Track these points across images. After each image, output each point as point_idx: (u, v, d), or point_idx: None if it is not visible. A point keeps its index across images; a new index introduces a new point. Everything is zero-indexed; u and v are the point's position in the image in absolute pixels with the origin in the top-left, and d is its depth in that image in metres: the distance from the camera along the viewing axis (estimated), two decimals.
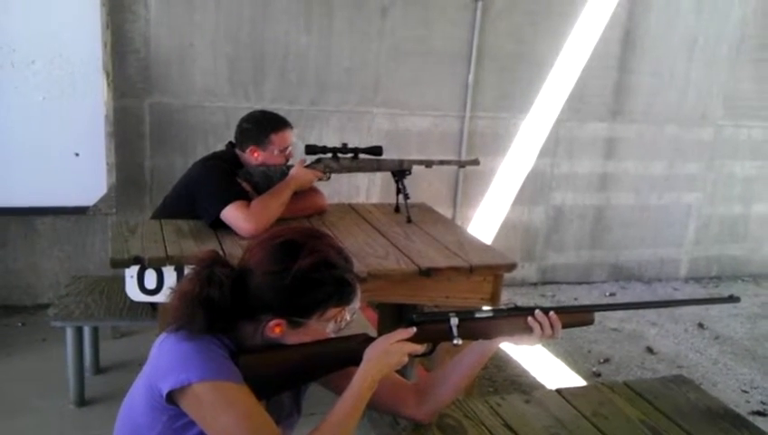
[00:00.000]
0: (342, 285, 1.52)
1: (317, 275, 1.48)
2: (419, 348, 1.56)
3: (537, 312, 1.63)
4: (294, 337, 1.51)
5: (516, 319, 1.63)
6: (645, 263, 5.51)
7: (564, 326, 1.65)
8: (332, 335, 1.55)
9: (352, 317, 1.57)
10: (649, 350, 4.25)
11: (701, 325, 4.66)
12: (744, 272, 5.82)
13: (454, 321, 1.59)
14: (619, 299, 5.09)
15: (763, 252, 5.86)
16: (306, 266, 1.47)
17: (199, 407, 1.40)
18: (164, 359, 1.45)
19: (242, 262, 1.54)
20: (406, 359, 1.55)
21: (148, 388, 1.45)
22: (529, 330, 1.63)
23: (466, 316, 1.61)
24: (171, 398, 1.41)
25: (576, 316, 1.70)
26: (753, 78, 5.31)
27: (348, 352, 1.55)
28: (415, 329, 1.56)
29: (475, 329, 1.62)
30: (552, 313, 1.63)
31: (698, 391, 2.04)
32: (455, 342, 1.59)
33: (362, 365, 1.52)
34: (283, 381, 1.55)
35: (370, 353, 1.52)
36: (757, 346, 4.43)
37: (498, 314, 1.66)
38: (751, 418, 3.46)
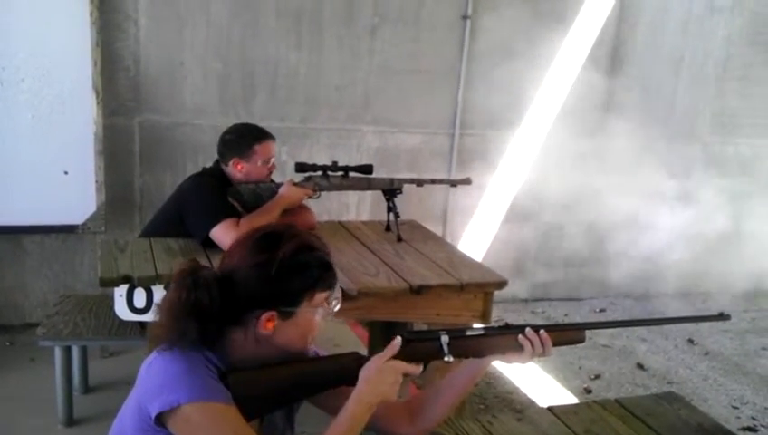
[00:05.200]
0: (326, 267, 1.54)
1: (301, 258, 1.50)
2: (415, 369, 1.54)
3: (528, 330, 1.63)
4: (287, 332, 1.50)
5: (507, 337, 1.63)
6: (634, 279, 5.52)
7: (555, 344, 1.64)
8: (323, 324, 1.55)
9: (338, 306, 1.57)
10: (640, 366, 4.25)
11: (691, 341, 4.67)
12: (732, 288, 5.83)
13: (444, 339, 1.58)
14: (609, 315, 5.10)
15: (751, 268, 5.87)
16: (290, 252, 1.48)
17: (188, 428, 1.39)
18: (153, 380, 1.44)
19: (223, 265, 1.54)
20: (400, 379, 1.53)
21: (137, 410, 1.43)
22: (520, 348, 1.62)
23: (457, 334, 1.61)
24: (160, 420, 1.40)
25: (567, 334, 1.70)
26: (740, 95, 5.35)
27: (339, 370, 1.55)
28: (400, 338, 1.55)
29: (466, 347, 1.61)
30: (542, 331, 1.63)
31: (690, 408, 2.04)
32: (446, 359, 1.58)
33: (358, 386, 1.50)
34: (274, 399, 1.54)
35: (365, 374, 1.51)
36: (747, 362, 4.44)
37: (489, 332, 1.66)
38: (741, 434, 3.48)
